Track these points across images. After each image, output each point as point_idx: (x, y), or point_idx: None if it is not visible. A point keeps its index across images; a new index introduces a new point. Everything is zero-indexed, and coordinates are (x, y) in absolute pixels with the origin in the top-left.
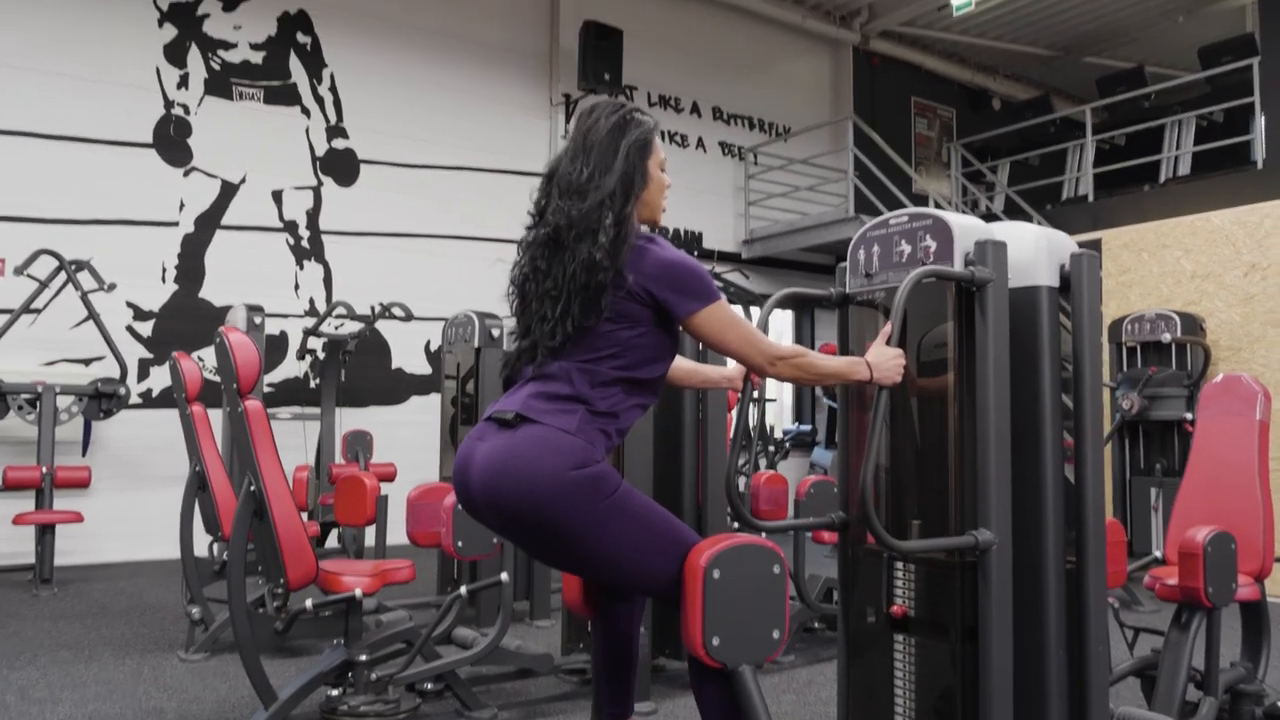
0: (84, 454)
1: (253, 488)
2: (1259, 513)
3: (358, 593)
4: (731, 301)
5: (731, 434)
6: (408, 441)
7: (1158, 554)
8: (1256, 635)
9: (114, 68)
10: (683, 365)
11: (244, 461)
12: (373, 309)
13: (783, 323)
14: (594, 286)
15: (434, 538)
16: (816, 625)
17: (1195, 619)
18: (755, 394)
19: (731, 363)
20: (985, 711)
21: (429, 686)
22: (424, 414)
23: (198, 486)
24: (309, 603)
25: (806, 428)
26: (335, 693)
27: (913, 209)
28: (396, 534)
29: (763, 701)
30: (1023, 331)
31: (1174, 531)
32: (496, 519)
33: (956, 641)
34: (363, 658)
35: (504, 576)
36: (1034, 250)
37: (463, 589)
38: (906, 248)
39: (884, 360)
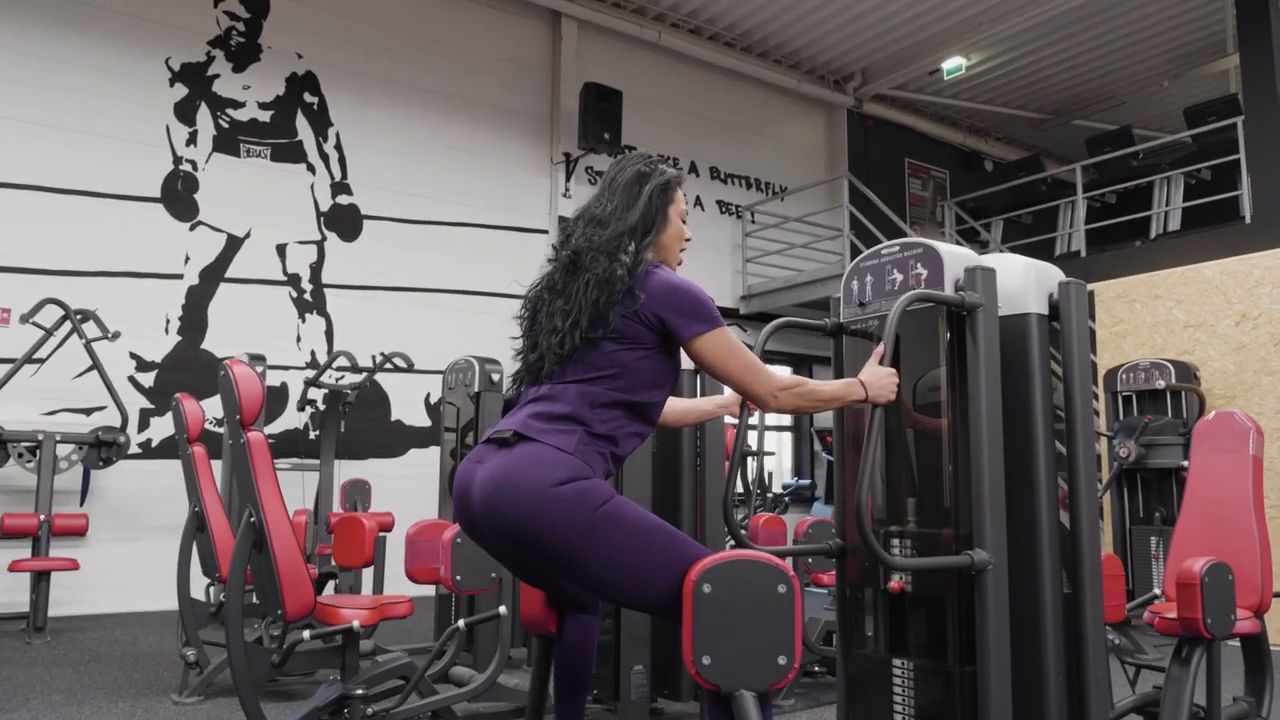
0: (82, 503)
1: (253, 519)
2: (1256, 546)
3: (355, 624)
4: None
5: (730, 454)
6: (406, 494)
7: (1157, 591)
8: (1259, 671)
9: (125, 125)
10: (678, 405)
11: (244, 492)
12: (374, 358)
13: None
14: (604, 301)
15: (433, 574)
16: (817, 669)
17: (1196, 653)
18: (753, 419)
19: (727, 390)
20: None
21: None
22: (423, 467)
23: (196, 527)
24: (306, 633)
25: (805, 482)
26: None
27: (904, 239)
28: (394, 584)
29: None
30: (1014, 358)
31: (1171, 566)
32: (497, 539)
33: (955, 665)
34: (359, 691)
35: (502, 610)
36: (1023, 279)
37: (460, 623)
38: (898, 276)
39: (878, 379)
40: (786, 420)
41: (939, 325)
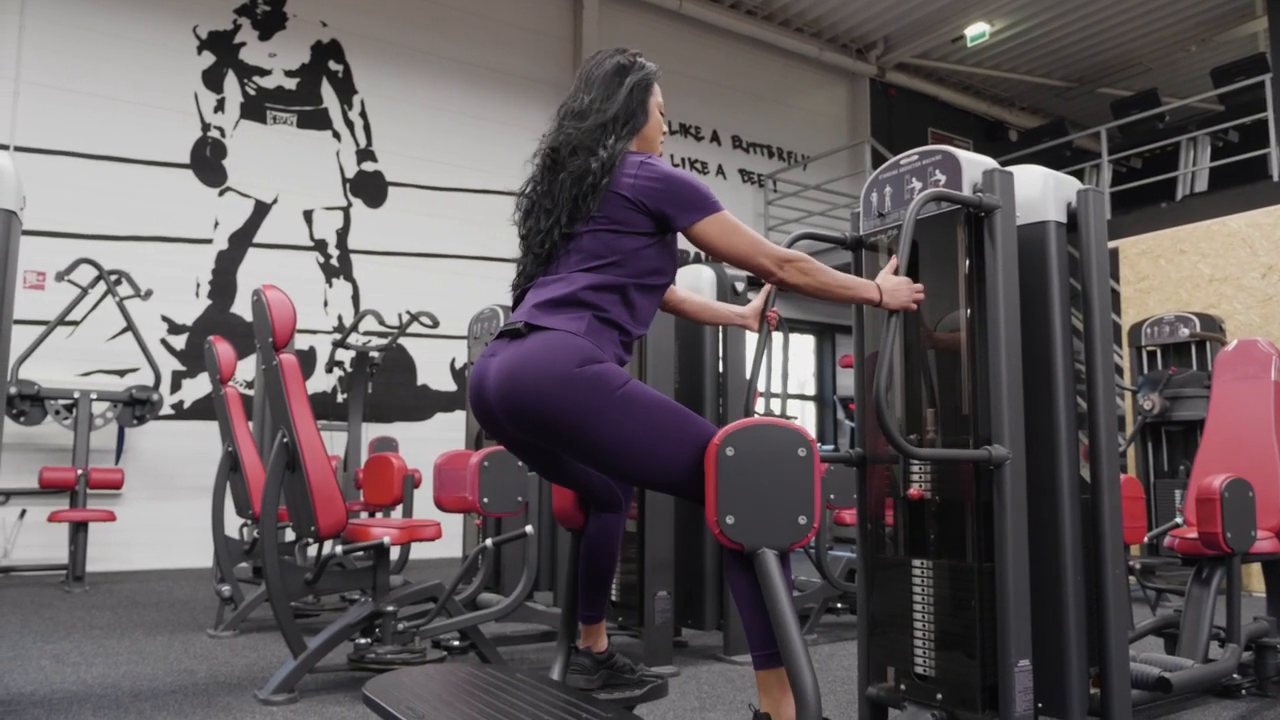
0: (117, 461)
1: (285, 439)
2: (1277, 468)
3: (386, 540)
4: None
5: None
6: (432, 457)
7: (1179, 520)
8: None
9: (155, 92)
10: (696, 300)
11: (277, 414)
12: (400, 316)
13: (804, 345)
14: (581, 196)
15: (461, 502)
16: (839, 605)
17: (1216, 573)
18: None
19: (751, 303)
20: (1003, 624)
21: (455, 643)
22: (448, 431)
23: (230, 467)
24: (339, 548)
25: (829, 448)
26: (364, 641)
27: (923, 147)
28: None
29: (787, 586)
30: (1032, 266)
31: (1193, 490)
32: (516, 428)
33: (974, 562)
34: (390, 608)
35: (529, 529)
36: (1041, 188)
37: (488, 541)
38: (917, 184)
39: (895, 285)
40: (809, 389)
41: (957, 234)
